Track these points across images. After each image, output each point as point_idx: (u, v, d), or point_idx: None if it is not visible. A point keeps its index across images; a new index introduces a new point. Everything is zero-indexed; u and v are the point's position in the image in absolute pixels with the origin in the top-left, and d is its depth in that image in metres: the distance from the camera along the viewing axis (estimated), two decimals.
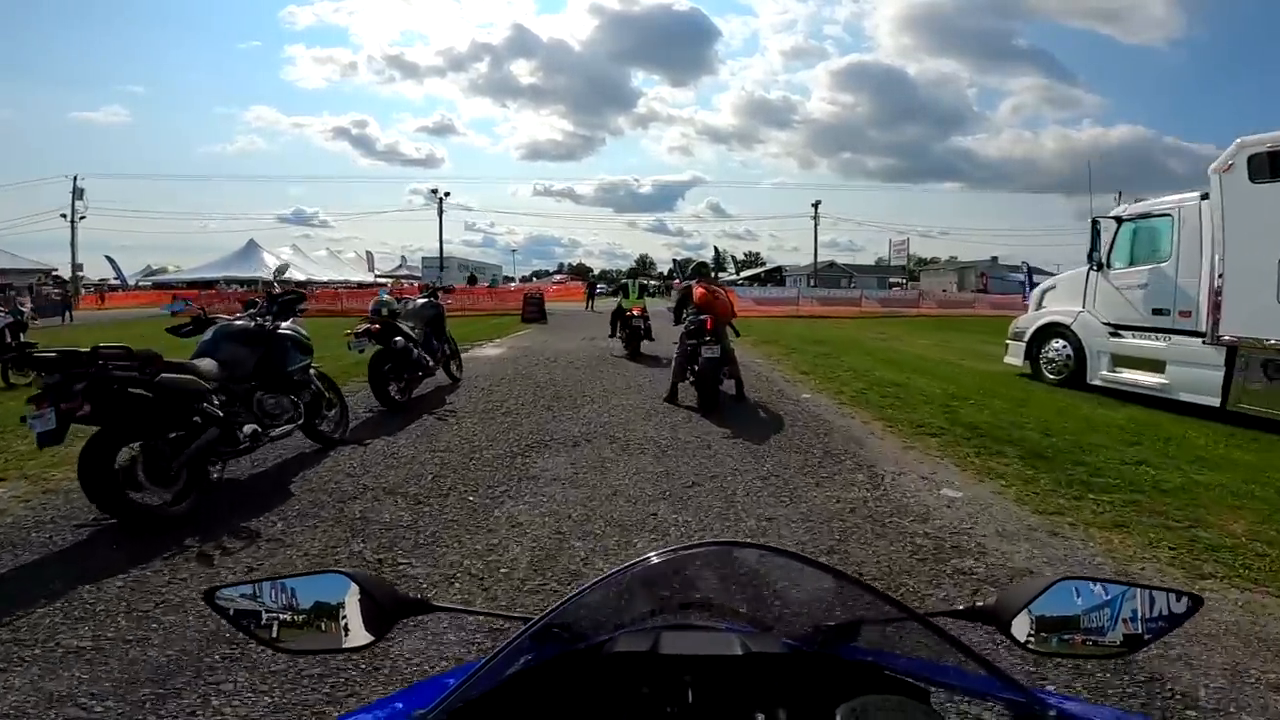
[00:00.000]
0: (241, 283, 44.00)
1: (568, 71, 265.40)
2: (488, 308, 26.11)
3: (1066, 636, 0.77)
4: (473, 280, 33.48)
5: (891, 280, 51.88)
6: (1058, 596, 0.77)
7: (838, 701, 0.58)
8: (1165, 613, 0.76)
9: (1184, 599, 0.77)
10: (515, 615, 0.88)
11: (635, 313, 12.12)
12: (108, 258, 51.24)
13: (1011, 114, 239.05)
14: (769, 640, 0.77)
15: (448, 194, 43.77)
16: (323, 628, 0.81)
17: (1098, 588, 0.78)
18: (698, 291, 7.92)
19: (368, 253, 53.06)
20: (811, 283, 41.01)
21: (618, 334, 12.86)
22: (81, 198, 43.55)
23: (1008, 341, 10.36)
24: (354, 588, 0.82)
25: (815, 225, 43.09)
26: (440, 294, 8.77)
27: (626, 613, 0.84)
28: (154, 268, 56.23)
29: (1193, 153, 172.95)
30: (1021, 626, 0.77)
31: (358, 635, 0.82)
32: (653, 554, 0.80)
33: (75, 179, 43.70)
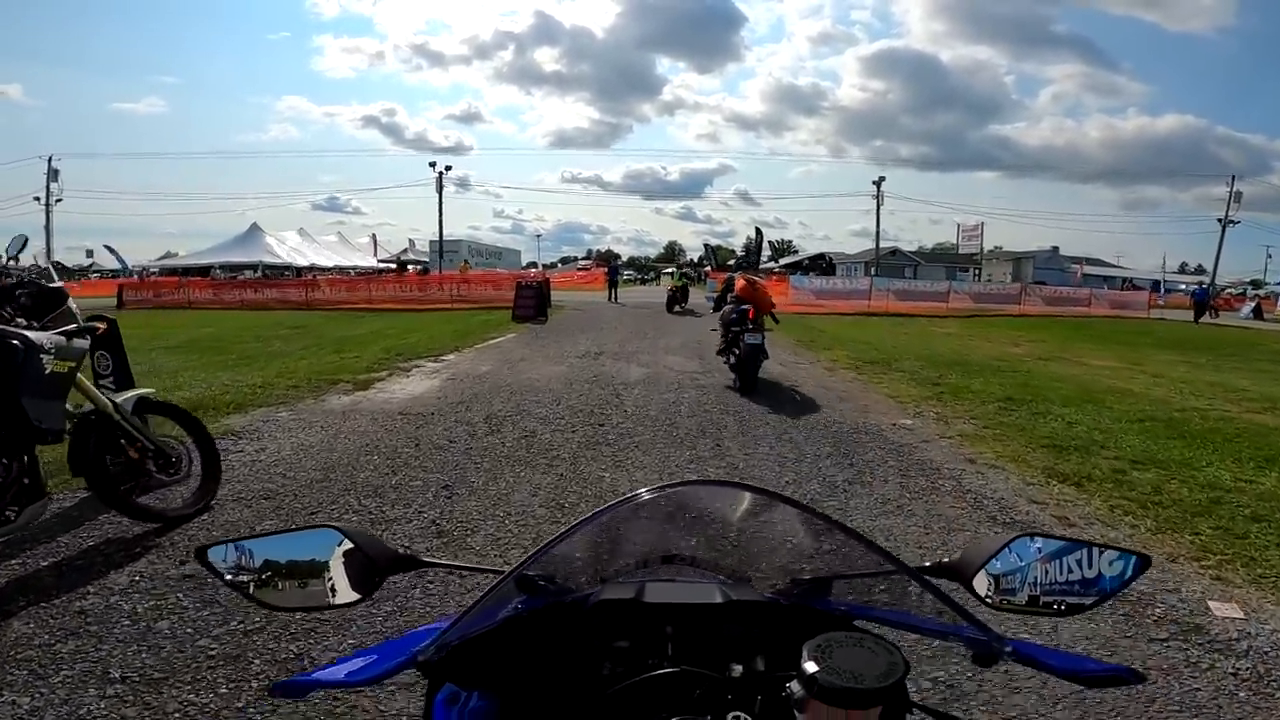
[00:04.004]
0: (238, 268, 40.04)
1: (592, 58, 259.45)
2: (484, 298, 20.86)
3: (1024, 592, 0.77)
4: (424, 271, 28.26)
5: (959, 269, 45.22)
6: (1016, 553, 0.78)
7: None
8: (1117, 572, 0.77)
9: (1134, 559, 0.77)
10: (504, 569, 0.75)
11: (673, 287, 19.77)
12: (107, 247, 48.29)
13: (1052, 102, 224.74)
14: (747, 591, 0.79)
15: (449, 168, 38.68)
16: (314, 584, 0.79)
17: (1054, 545, 0.78)
18: (739, 283, 7.75)
19: (372, 235, 48.47)
20: (874, 271, 34.88)
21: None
22: (56, 179, 39.52)
23: None
24: (344, 542, 0.80)
25: (878, 206, 36.80)
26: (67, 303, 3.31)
27: (612, 564, 0.86)
28: (172, 253, 53.48)
29: (1245, 143, 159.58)
30: (982, 582, 0.77)
31: (347, 592, 0.79)
32: (644, 489, 0.78)
33: (50, 160, 39.72)
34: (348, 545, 0.79)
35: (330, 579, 0.79)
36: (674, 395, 6.69)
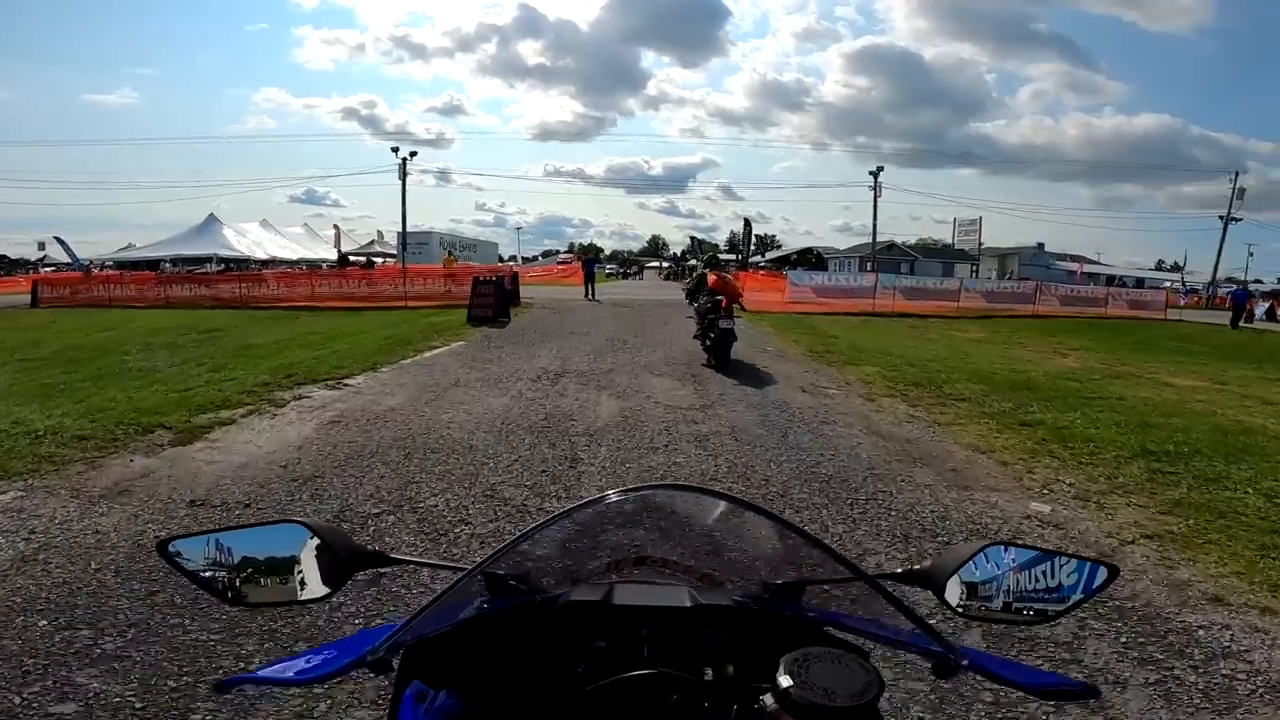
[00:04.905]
0: (193, 261, 37.05)
1: (576, 52, 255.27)
2: (440, 295, 18.25)
3: (993, 602, 0.77)
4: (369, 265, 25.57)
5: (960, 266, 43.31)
6: (987, 562, 0.76)
7: (781, 655, 0.57)
8: (1085, 582, 0.76)
9: (1102, 569, 0.77)
10: (472, 567, 0.73)
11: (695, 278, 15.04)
12: (57, 239, 44.93)
13: (1032, 100, 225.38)
14: (718, 595, 0.77)
15: (413, 154, 35.68)
16: (278, 580, 0.77)
17: (1024, 554, 0.77)
18: (711, 278, 8.54)
19: (335, 227, 45.38)
20: (871, 266, 32.75)
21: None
22: None
23: None
24: (311, 538, 0.77)
25: (875, 199, 34.34)
26: None
27: (584, 565, 0.83)
28: (134, 246, 50.29)
29: (1219, 143, 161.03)
30: (953, 590, 0.76)
31: (314, 588, 0.77)
32: (611, 492, 0.77)
33: None
34: (314, 541, 0.77)
35: (300, 574, 0.77)
36: (663, 458, 4.32)
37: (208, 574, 0.76)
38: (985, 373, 8.51)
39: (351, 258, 36.39)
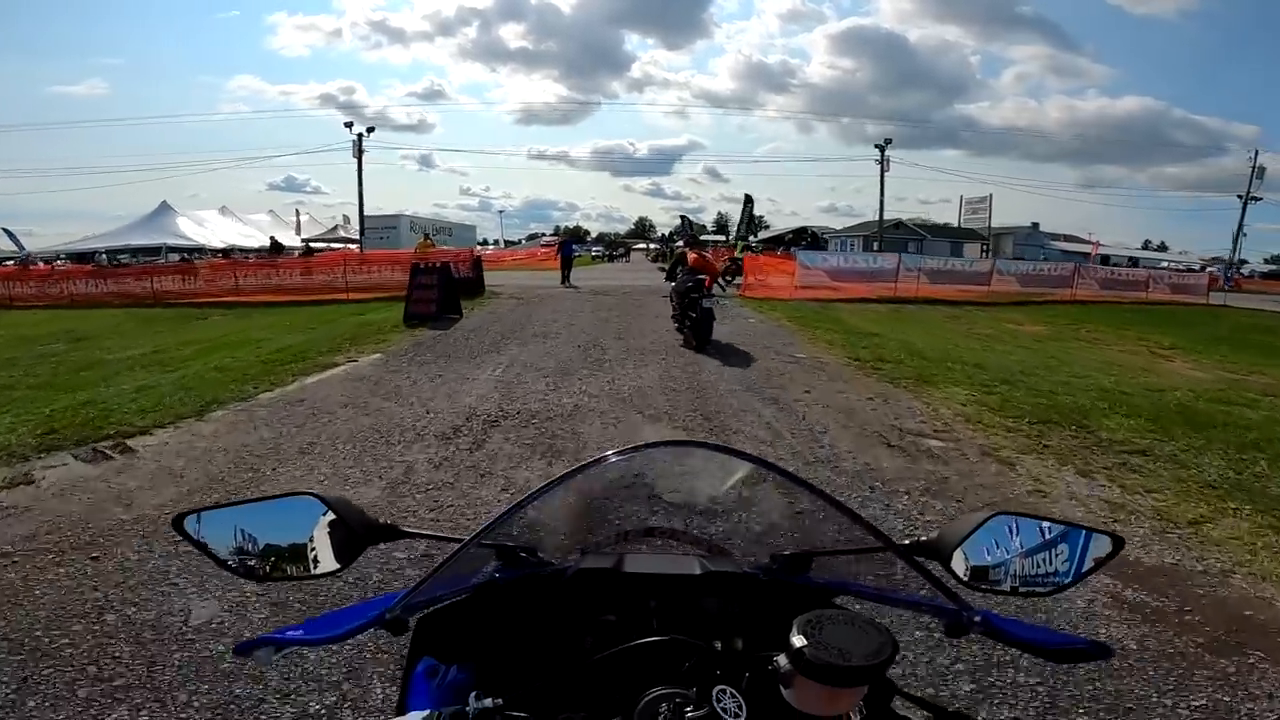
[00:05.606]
0: (137, 252, 33.76)
1: (559, 35, 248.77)
2: (388, 284, 15.33)
3: (1001, 572, 0.74)
4: (308, 252, 22.60)
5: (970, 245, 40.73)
6: (992, 532, 0.74)
7: (790, 624, 0.56)
8: (1092, 553, 0.74)
9: (1107, 540, 0.75)
10: (478, 531, 0.73)
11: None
12: (5, 230, 41.75)
13: (1015, 82, 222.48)
14: (727, 564, 0.78)
15: (371, 129, 32.20)
16: (294, 553, 0.75)
17: (1030, 525, 0.75)
18: (691, 256, 8.65)
19: (296, 211, 42.10)
20: (876, 245, 30.08)
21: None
22: None
23: None
24: (325, 511, 0.75)
25: (882, 173, 31.33)
26: None
27: (593, 535, 0.83)
28: (94, 236, 46.88)
29: (1201, 126, 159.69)
30: (959, 562, 0.74)
31: (327, 562, 0.75)
32: (611, 453, 0.74)
33: None
34: (327, 514, 0.75)
35: (313, 548, 0.75)
36: None
37: (222, 548, 0.74)
38: (1114, 393, 5.93)
39: (293, 242, 32.97)
